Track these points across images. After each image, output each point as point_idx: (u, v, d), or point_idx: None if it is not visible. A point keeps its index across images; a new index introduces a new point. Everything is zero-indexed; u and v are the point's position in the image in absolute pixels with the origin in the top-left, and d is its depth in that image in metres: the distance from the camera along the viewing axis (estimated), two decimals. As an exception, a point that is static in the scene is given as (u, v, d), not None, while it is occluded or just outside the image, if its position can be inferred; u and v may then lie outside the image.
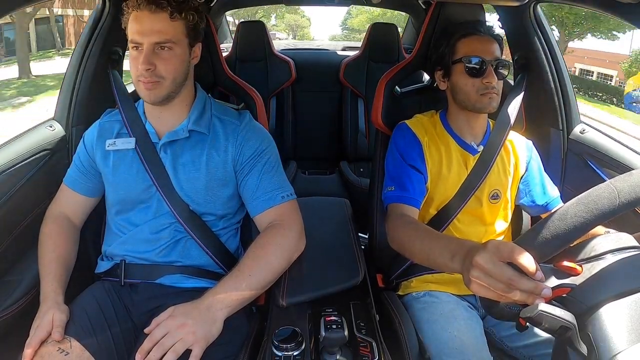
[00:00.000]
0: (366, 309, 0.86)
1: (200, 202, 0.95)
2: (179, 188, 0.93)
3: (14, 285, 0.97)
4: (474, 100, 0.99)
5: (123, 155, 0.96)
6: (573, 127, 1.23)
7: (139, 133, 0.96)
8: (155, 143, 0.95)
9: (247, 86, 1.16)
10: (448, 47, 1.02)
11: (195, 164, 0.94)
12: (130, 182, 0.95)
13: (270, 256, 0.87)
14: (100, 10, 1.20)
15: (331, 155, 2.42)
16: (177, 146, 0.95)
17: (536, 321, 0.55)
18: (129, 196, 0.96)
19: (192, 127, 0.95)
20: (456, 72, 1.01)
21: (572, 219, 0.55)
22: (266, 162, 0.96)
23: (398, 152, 1.03)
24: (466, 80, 0.99)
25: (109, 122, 1.01)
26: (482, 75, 0.97)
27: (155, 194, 0.94)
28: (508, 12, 1.26)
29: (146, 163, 0.93)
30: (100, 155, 0.98)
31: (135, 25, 0.87)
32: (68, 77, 1.22)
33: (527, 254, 0.54)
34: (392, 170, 1.03)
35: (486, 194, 1.03)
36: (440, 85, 1.07)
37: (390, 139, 1.08)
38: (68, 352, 0.78)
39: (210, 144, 0.95)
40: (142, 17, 0.87)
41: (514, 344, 0.99)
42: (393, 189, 1.00)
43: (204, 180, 0.94)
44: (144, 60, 0.86)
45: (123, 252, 0.96)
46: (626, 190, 0.53)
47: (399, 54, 2.32)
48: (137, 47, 0.88)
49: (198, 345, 0.74)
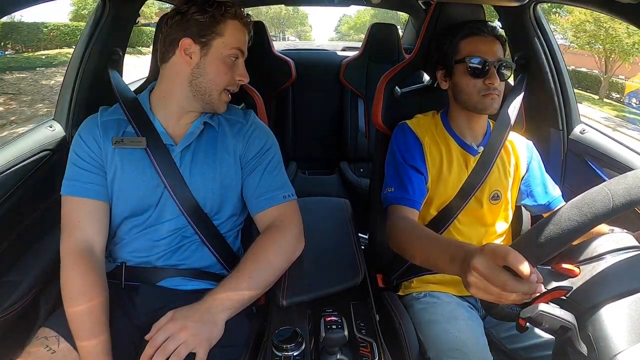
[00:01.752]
0: (366, 309, 0.86)
1: (213, 203, 0.94)
2: (194, 189, 0.91)
3: (14, 285, 0.97)
4: (475, 100, 0.99)
5: (130, 154, 0.91)
6: (573, 127, 1.24)
7: (149, 133, 0.91)
8: (170, 145, 0.92)
9: (247, 86, 1.16)
10: (451, 46, 1.01)
11: (209, 163, 0.93)
12: (142, 188, 0.91)
13: (270, 257, 0.86)
14: (100, 10, 1.19)
15: (331, 155, 2.42)
16: (193, 148, 0.93)
17: (536, 321, 0.55)
18: (141, 204, 0.92)
19: (206, 119, 0.95)
20: (458, 72, 1.00)
21: (566, 223, 0.54)
22: (270, 160, 0.96)
23: (399, 152, 1.03)
24: (468, 81, 0.98)
25: (111, 121, 0.95)
26: (485, 76, 0.96)
27: (165, 197, 0.91)
28: (508, 13, 1.26)
29: (158, 165, 0.90)
30: (109, 154, 0.91)
31: (244, 36, 0.94)
32: (68, 77, 1.21)
33: (522, 257, 0.54)
34: (392, 171, 1.03)
35: (486, 195, 1.03)
36: (442, 85, 1.06)
37: (391, 139, 1.07)
38: (55, 350, 0.77)
39: (220, 142, 0.95)
40: (237, 26, 0.92)
41: (513, 346, 0.98)
42: (393, 190, 0.99)
43: (218, 180, 0.93)
44: (243, 73, 0.94)
45: (125, 255, 0.94)
46: (620, 193, 0.53)
47: (399, 54, 2.32)
48: (236, 58, 0.92)
49: (202, 348, 0.73)
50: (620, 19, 0.84)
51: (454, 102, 1.05)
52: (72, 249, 0.85)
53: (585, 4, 0.95)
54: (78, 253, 0.85)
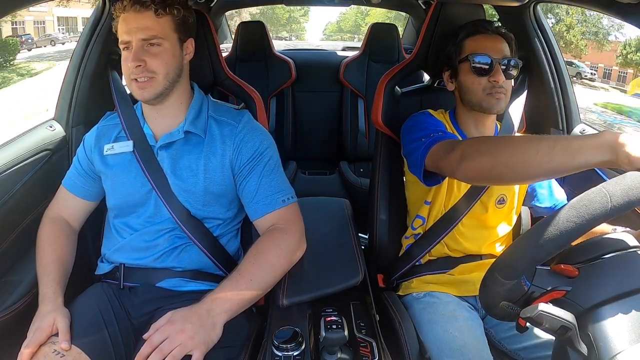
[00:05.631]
0: (366, 309, 0.86)
1: (200, 207, 0.93)
2: (178, 193, 0.92)
3: (14, 285, 0.98)
4: (479, 99, 0.97)
5: (121, 158, 0.95)
6: (573, 127, 1.23)
7: (137, 136, 0.95)
8: (153, 146, 0.95)
9: (247, 86, 1.16)
10: (455, 45, 1.00)
11: (193, 168, 0.93)
12: (128, 187, 0.94)
13: (271, 259, 0.85)
14: (100, 10, 1.20)
15: (331, 155, 2.42)
16: (174, 150, 0.94)
17: (536, 321, 0.55)
18: (128, 200, 0.94)
19: (188, 128, 0.94)
20: (463, 71, 0.99)
21: (564, 224, 0.54)
22: (266, 164, 0.94)
23: (425, 123, 0.96)
24: (473, 79, 0.97)
25: (107, 126, 1.00)
26: (489, 74, 0.95)
27: (154, 198, 0.93)
28: (508, 13, 1.27)
29: (144, 166, 0.92)
30: (98, 159, 0.97)
31: (124, 26, 0.89)
32: (68, 77, 1.22)
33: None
34: (421, 129, 0.93)
35: (493, 199, 1.02)
36: (448, 86, 1.04)
37: (407, 121, 1.02)
38: (64, 354, 0.77)
39: (207, 147, 0.94)
40: (128, 18, 0.88)
41: (513, 346, 0.98)
42: (432, 135, 0.88)
43: (202, 186, 0.93)
44: (134, 57, 0.87)
45: (122, 256, 0.95)
46: (618, 194, 0.53)
47: (399, 54, 2.32)
48: (127, 47, 0.89)
49: (198, 351, 0.73)
50: (620, 18, 0.84)
51: (460, 103, 1.03)
52: (50, 214, 1.01)
53: (585, 4, 0.95)
54: (55, 218, 1.00)
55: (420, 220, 1.06)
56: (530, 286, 0.59)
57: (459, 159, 0.75)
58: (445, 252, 1.05)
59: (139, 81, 0.88)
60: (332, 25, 44.84)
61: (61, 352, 0.77)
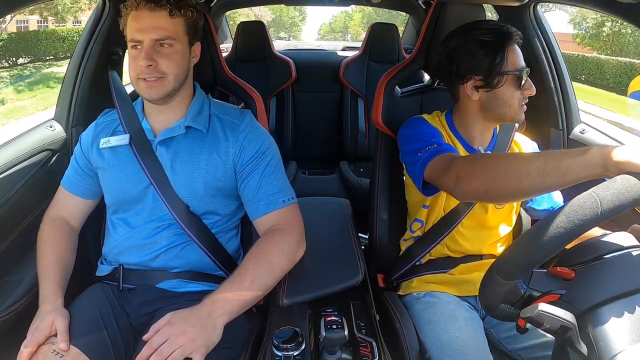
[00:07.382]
0: (366, 309, 0.86)
1: (199, 203, 0.93)
2: (177, 188, 0.92)
3: (14, 285, 0.98)
4: (515, 112, 0.93)
5: (118, 153, 0.95)
6: (573, 127, 1.24)
7: (135, 130, 0.94)
8: (151, 140, 0.94)
9: (247, 86, 1.16)
10: (500, 55, 0.92)
11: (194, 163, 0.93)
12: (126, 182, 0.93)
13: (272, 259, 0.85)
14: (100, 10, 1.20)
15: (331, 155, 2.42)
16: (174, 144, 0.94)
17: (536, 321, 0.55)
18: (126, 196, 0.94)
19: (189, 123, 0.93)
20: (505, 83, 0.92)
21: (554, 230, 0.54)
22: (267, 164, 0.94)
23: (420, 133, 0.95)
24: (513, 93, 0.92)
25: (106, 122, 1.00)
26: (524, 87, 0.93)
27: (152, 193, 0.93)
28: (508, 13, 1.26)
29: (141, 160, 0.92)
30: (95, 155, 0.97)
31: (135, 24, 0.87)
32: (68, 77, 1.22)
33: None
34: (417, 140, 0.93)
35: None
36: (473, 96, 0.96)
37: (402, 128, 1.02)
38: (63, 354, 0.77)
39: (209, 143, 0.94)
40: (141, 16, 0.87)
41: (513, 346, 0.98)
42: (428, 148, 0.88)
43: (202, 181, 0.93)
44: (145, 56, 0.86)
45: (120, 258, 0.95)
46: (608, 199, 0.53)
47: (399, 54, 2.32)
48: (136, 46, 0.88)
49: (198, 353, 0.73)
50: (620, 18, 0.84)
51: (477, 112, 0.98)
52: (50, 215, 1.00)
53: (585, 4, 0.95)
54: (55, 218, 1.00)
55: (419, 223, 1.06)
56: (527, 289, 0.59)
57: (454, 181, 0.77)
58: (445, 252, 1.05)
59: (148, 80, 0.87)
60: (325, 26, 48.96)
61: (60, 352, 0.77)
